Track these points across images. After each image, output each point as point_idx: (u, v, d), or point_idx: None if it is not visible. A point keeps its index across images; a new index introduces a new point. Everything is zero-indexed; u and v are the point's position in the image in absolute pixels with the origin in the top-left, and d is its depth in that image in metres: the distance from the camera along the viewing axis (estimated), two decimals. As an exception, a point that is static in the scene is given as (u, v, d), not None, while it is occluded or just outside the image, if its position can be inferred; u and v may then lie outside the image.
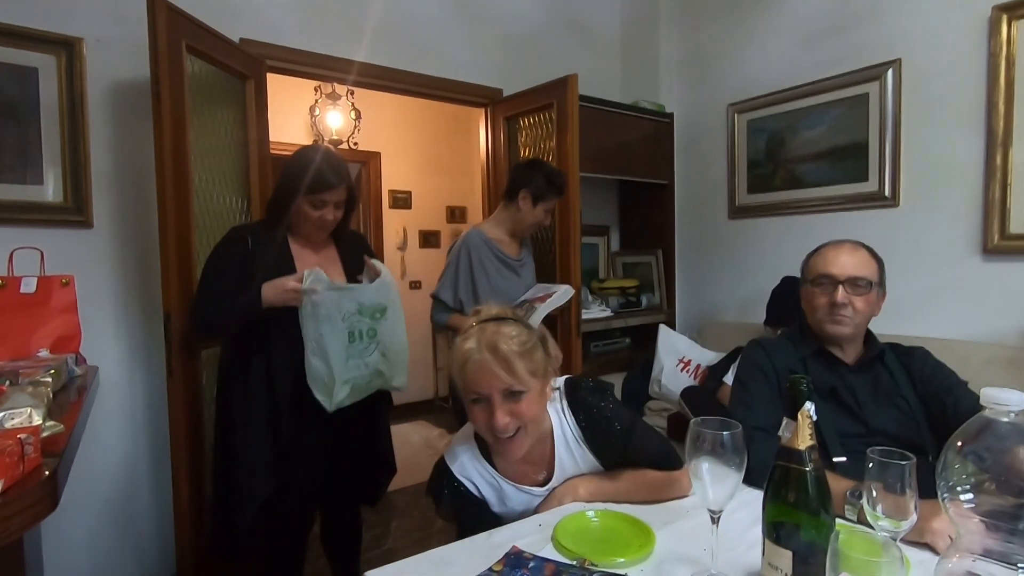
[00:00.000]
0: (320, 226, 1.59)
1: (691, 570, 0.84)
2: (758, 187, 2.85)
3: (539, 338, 1.07)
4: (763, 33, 2.79)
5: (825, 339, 1.32)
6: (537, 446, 1.10)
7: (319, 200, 1.54)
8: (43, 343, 1.52)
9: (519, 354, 1.00)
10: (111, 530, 2.01)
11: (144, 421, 2.05)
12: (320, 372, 1.50)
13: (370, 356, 1.57)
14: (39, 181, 1.86)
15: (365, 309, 1.56)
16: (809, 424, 0.74)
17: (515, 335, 1.02)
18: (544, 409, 1.09)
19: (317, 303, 1.48)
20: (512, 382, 0.99)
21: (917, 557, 0.83)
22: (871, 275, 1.29)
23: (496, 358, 0.98)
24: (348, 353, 1.53)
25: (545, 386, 1.07)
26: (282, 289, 1.47)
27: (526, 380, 1.00)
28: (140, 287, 2.03)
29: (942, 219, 2.23)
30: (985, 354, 2.01)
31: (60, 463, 0.85)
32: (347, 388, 1.53)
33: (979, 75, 2.09)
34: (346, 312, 1.53)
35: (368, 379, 1.59)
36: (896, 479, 0.69)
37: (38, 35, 1.82)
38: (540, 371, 1.03)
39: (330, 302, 1.50)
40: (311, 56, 2.37)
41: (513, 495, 1.13)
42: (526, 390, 1.00)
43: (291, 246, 1.62)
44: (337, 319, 1.51)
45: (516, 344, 1.00)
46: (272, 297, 1.48)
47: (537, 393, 1.03)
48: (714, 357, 2.65)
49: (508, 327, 1.03)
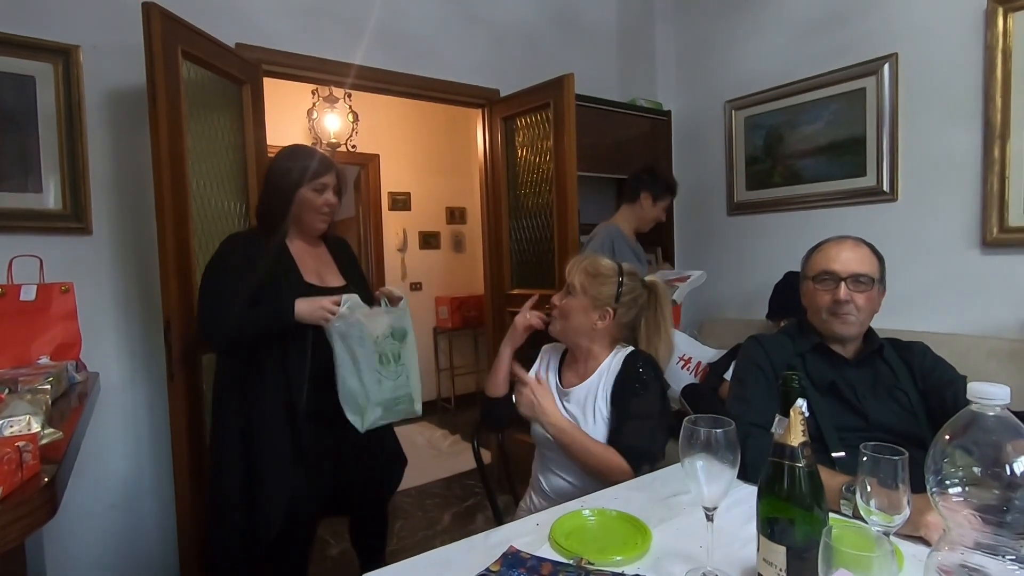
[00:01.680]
0: (325, 212, 1.62)
1: (687, 567, 0.84)
2: (757, 183, 2.84)
3: (615, 282, 1.36)
4: (759, 28, 2.78)
5: (827, 336, 1.31)
6: (581, 364, 1.42)
7: (321, 184, 1.58)
8: (44, 350, 1.53)
9: (585, 271, 1.37)
10: (115, 536, 2.02)
11: (146, 427, 2.06)
12: (355, 392, 1.52)
13: (399, 379, 1.62)
14: (38, 189, 1.87)
15: (396, 332, 1.62)
16: (801, 420, 0.74)
17: (600, 263, 1.39)
18: (585, 327, 1.38)
19: (352, 324, 1.51)
20: (570, 281, 1.38)
21: (911, 551, 0.83)
22: (872, 272, 1.28)
23: (575, 263, 1.40)
24: (380, 375, 1.56)
25: (593, 310, 1.36)
26: (318, 306, 1.48)
27: (576, 287, 1.37)
28: (140, 293, 2.04)
29: (941, 213, 2.22)
30: (986, 347, 2.01)
31: (59, 470, 0.86)
32: (380, 410, 1.57)
33: (976, 68, 2.09)
34: (377, 335, 1.57)
35: (396, 402, 1.62)
36: (889, 474, 0.69)
37: (35, 43, 1.83)
38: (593, 293, 1.36)
39: (364, 325, 1.53)
40: (307, 60, 2.37)
41: (552, 386, 1.43)
42: (572, 295, 1.38)
43: (289, 248, 1.62)
44: (369, 342, 1.54)
45: (591, 267, 1.38)
46: (307, 313, 1.48)
47: (582, 305, 1.36)
48: (715, 354, 2.65)
49: (604, 260, 1.41)
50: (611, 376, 1.36)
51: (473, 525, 2.63)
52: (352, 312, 1.51)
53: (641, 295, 1.41)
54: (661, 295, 1.44)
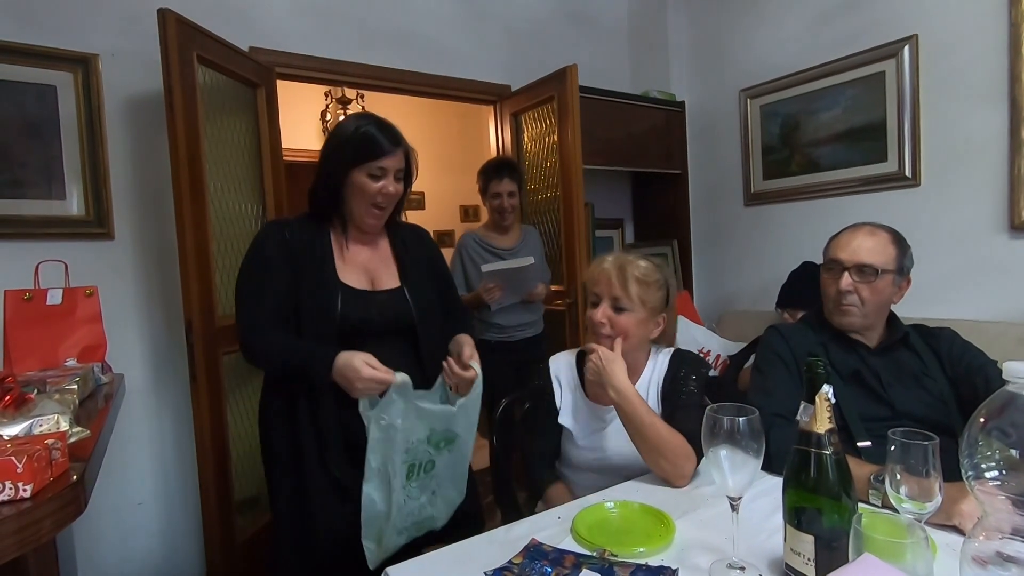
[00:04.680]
0: (382, 204, 1.29)
1: (712, 558, 0.83)
2: (774, 173, 2.80)
3: (665, 282, 1.24)
4: (773, 14, 2.74)
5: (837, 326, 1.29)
6: None
7: (379, 168, 1.25)
8: (70, 353, 1.56)
9: (638, 279, 1.20)
10: (143, 532, 2.06)
11: (170, 426, 2.10)
12: (377, 511, 1.15)
13: (422, 498, 1.21)
14: (62, 196, 1.91)
15: (434, 436, 1.18)
16: (828, 407, 0.73)
17: (644, 266, 1.22)
18: (641, 339, 1.24)
19: (386, 427, 1.11)
20: (621, 295, 1.19)
21: (944, 540, 0.81)
22: (882, 262, 1.22)
23: (618, 272, 1.20)
24: (406, 493, 1.17)
25: (651, 320, 1.23)
26: (356, 377, 1.11)
27: (633, 300, 1.19)
28: (161, 295, 2.08)
29: (966, 197, 2.16)
30: (1016, 334, 1.95)
31: (87, 467, 0.87)
32: (401, 539, 1.21)
33: (1000, 46, 2.03)
34: (413, 439, 1.15)
35: (418, 527, 1.24)
36: (919, 460, 0.68)
37: (55, 53, 1.87)
38: (650, 303, 1.21)
39: (399, 428, 1.12)
40: (320, 61, 2.39)
41: (582, 407, 1.29)
42: (630, 308, 1.20)
43: (332, 241, 1.32)
44: (401, 448, 1.14)
45: (640, 272, 1.21)
46: (340, 381, 1.14)
47: (640, 319, 1.21)
48: (734, 347, 2.62)
49: (643, 261, 1.24)
50: (658, 378, 1.27)
51: (492, 522, 2.62)
52: (392, 404, 1.11)
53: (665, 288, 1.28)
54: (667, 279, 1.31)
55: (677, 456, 1.10)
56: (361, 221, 1.31)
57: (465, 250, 2.42)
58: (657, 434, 1.10)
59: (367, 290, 1.31)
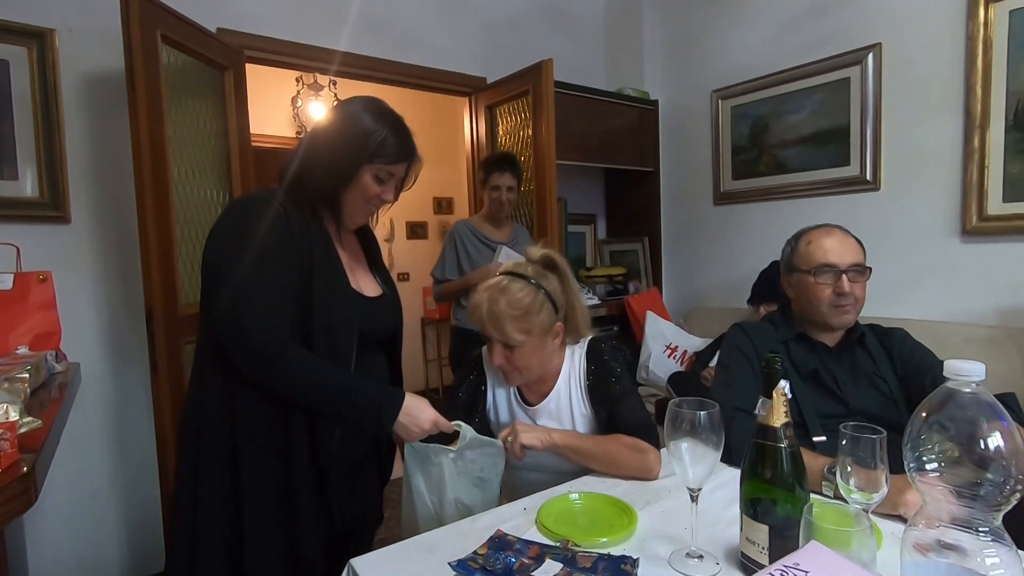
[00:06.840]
0: (375, 207, 1.19)
1: (672, 548, 0.85)
2: (743, 173, 2.86)
3: (544, 296, 1.18)
4: (746, 18, 2.79)
5: (818, 326, 1.32)
6: (536, 383, 1.27)
7: (387, 172, 1.13)
8: (22, 340, 1.50)
9: (513, 318, 1.15)
10: (96, 525, 2.00)
11: (128, 417, 2.04)
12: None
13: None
14: (14, 176, 1.82)
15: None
16: (784, 402, 0.75)
17: (516, 298, 1.15)
18: (546, 357, 1.23)
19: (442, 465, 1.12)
20: (503, 339, 1.16)
21: (890, 529, 0.85)
22: (864, 260, 1.29)
23: (491, 319, 1.16)
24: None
25: (546, 338, 1.20)
26: (422, 430, 1.07)
27: (516, 338, 1.15)
28: (121, 283, 2.01)
29: (922, 201, 2.25)
30: (964, 334, 2.05)
31: (38, 459, 0.84)
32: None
33: (957, 58, 2.11)
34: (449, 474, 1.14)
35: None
36: (868, 453, 0.71)
37: (8, 26, 1.78)
38: (537, 328, 1.17)
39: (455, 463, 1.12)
40: (291, 46, 2.34)
41: (504, 400, 1.31)
42: (517, 345, 1.16)
43: (332, 236, 1.16)
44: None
45: (512, 309, 1.15)
46: (404, 435, 1.08)
47: (532, 347, 1.18)
48: (700, 343, 2.68)
49: (515, 286, 1.17)
50: (579, 373, 1.26)
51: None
52: (460, 456, 1.11)
53: (552, 281, 1.22)
54: (558, 263, 1.25)
55: (635, 461, 1.13)
56: (348, 219, 1.17)
57: (459, 236, 2.43)
58: (609, 454, 1.14)
59: (373, 296, 1.20)
